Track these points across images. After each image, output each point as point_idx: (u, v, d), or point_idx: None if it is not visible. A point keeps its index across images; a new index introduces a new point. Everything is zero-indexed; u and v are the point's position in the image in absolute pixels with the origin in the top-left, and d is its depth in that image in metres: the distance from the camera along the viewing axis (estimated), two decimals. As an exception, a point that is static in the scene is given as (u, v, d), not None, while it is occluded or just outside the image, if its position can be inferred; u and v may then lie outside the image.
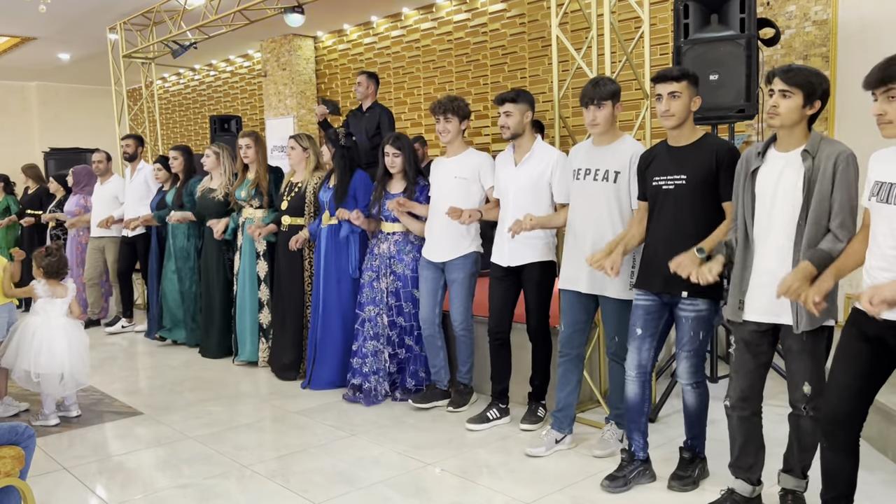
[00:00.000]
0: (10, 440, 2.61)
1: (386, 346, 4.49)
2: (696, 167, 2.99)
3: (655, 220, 3.11)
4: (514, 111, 3.80)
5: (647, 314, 3.15)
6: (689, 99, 3.00)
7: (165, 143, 13.41)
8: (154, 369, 5.57)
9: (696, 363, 3.09)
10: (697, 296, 2.97)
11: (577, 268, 3.47)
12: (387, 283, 4.48)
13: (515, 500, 3.13)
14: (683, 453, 3.23)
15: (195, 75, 13.02)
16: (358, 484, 3.33)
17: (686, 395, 3.15)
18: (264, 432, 4.08)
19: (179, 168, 6.27)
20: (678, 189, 3.02)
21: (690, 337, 3.04)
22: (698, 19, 4.09)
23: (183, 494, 3.28)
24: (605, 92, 3.34)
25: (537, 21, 7.69)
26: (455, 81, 8.62)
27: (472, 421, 4.02)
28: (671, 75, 2.99)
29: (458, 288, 4.17)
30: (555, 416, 3.68)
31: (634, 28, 6.42)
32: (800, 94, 2.57)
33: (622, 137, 3.46)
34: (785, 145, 2.66)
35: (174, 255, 6.17)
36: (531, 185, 3.81)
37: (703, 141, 3.05)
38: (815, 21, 5.49)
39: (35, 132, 13.97)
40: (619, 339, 3.45)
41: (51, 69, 12.52)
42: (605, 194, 3.40)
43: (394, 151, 4.40)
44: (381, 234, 4.56)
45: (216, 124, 8.99)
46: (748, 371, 2.79)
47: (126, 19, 8.62)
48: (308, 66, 10.45)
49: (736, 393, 2.83)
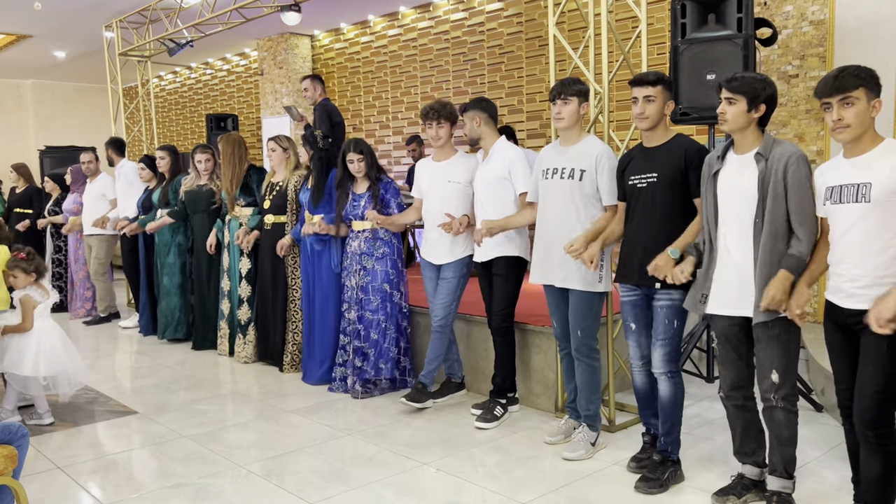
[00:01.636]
0: (4, 439, 2.60)
1: (353, 339, 4.67)
2: (666, 165, 3.15)
3: (630, 217, 3.28)
4: (465, 119, 4.08)
5: (635, 307, 3.29)
6: (664, 103, 3.16)
7: (161, 141, 13.38)
8: (149, 368, 5.55)
9: (671, 352, 3.17)
10: (670, 288, 3.10)
11: (544, 263, 3.61)
12: (357, 280, 4.66)
13: (511, 500, 3.12)
14: (654, 456, 3.25)
15: (191, 73, 13.00)
16: (353, 483, 3.32)
17: (661, 385, 3.20)
18: (259, 431, 4.07)
19: (166, 168, 6.40)
20: (650, 186, 3.18)
21: (665, 325, 3.15)
22: (695, 19, 4.10)
23: (177, 494, 3.27)
24: (573, 89, 3.48)
25: (534, 20, 7.69)
26: (452, 80, 8.61)
27: (481, 419, 4.06)
28: (647, 80, 3.14)
29: (446, 286, 4.26)
30: (570, 407, 3.80)
31: (632, 27, 6.42)
32: (743, 100, 2.76)
33: (588, 137, 3.59)
34: (741, 148, 2.85)
35: (160, 250, 6.31)
36: (492, 182, 3.98)
37: (673, 141, 3.20)
38: (812, 21, 5.49)
39: (30, 130, 13.94)
40: (582, 336, 3.54)
41: (46, 67, 12.49)
42: (571, 192, 3.51)
43: (358, 157, 4.58)
44: (352, 232, 4.74)
45: (212, 123, 8.99)
46: (732, 361, 2.95)
47: (122, 17, 8.60)
48: (305, 65, 10.43)
49: (726, 383, 2.99)
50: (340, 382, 4.77)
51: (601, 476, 3.34)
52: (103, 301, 7.29)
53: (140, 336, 6.69)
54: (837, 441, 3.63)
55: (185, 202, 6.08)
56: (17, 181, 8.37)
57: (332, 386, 4.79)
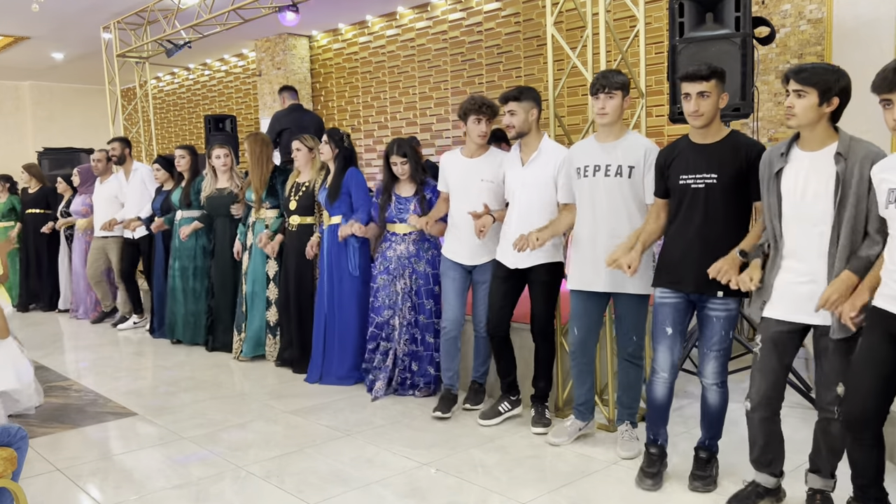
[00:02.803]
0: (3, 441, 2.59)
1: (403, 345, 4.52)
2: (726, 166, 2.93)
3: (684, 220, 3.03)
4: (518, 110, 3.73)
5: (676, 311, 3.09)
6: (718, 97, 2.94)
7: (160, 142, 13.37)
8: (149, 370, 5.55)
9: (724, 363, 3.04)
10: (734, 296, 2.95)
11: (590, 268, 3.42)
12: (405, 284, 4.50)
13: (511, 500, 3.12)
14: (700, 453, 3.17)
15: (190, 75, 12.99)
16: (353, 484, 3.32)
17: (709, 395, 3.08)
18: (259, 433, 4.06)
19: (186, 167, 6.21)
20: (709, 188, 2.95)
21: (721, 336, 3.00)
22: (693, 18, 4.09)
23: (178, 495, 3.26)
24: (617, 82, 3.30)
25: (532, 20, 7.69)
26: (450, 80, 8.61)
27: (484, 416, 4.02)
28: (700, 74, 2.91)
29: (486, 290, 4.05)
30: (578, 409, 3.71)
31: (630, 27, 6.42)
32: (814, 92, 2.55)
33: (630, 133, 3.44)
34: (809, 144, 2.64)
35: (180, 254, 6.15)
36: (538, 185, 3.74)
37: (730, 139, 2.99)
38: (809, 20, 5.49)
39: (29, 132, 13.93)
40: (637, 339, 3.41)
41: (44, 68, 12.48)
42: (621, 190, 3.35)
43: (401, 160, 4.42)
44: (395, 236, 4.54)
45: (211, 124, 8.97)
46: (772, 370, 2.76)
47: (120, 18, 8.59)
48: (303, 66, 10.44)
49: (759, 394, 2.79)
50: (400, 386, 4.58)
51: (602, 475, 3.34)
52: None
53: (138, 337, 6.67)
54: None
55: (206, 207, 5.96)
56: (29, 182, 8.29)
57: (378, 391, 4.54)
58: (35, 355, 6.00)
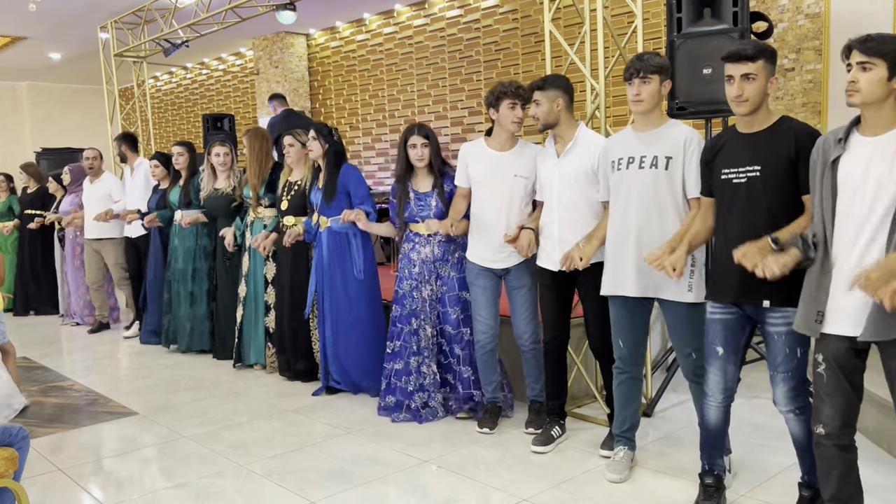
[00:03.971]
0: (4, 441, 2.59)
1: (433, 357, 4.10)
2: (771, 156, 2.57)
3: (725, 220, 2.71)
4: (543, 99, 3.44)
5: (726, 329, 2.72)
6: (766, 81, 2.57)
7: (158, 142, 13.36)
8: (148, 369, 5.55)
9: (797, 385, 2.62)
10: (786, 304, 2.53)
11: (622, 270, 3.09)
12: (431, 290, 4.07)
13: (512, 497, 3.12)
14: (803, 491, 2.78)
15: (187, 74, 12.98)
16: (354, 482, 3.32)
17: (790, 425, 2.70)
18: (260, 431, 4.06)
19: (184, 165, 5.96)
20: (751, 182, 2.61)
21: (785, 356, 2.59)
22: (691, 13, 4.09)
23: (179, 494, 3.26)
24: (652, 65, 2.97)
25: (530, 17, 7.68)
26: (448, 78, 8.61)
27: (538, 443, 3.61)
28: (745, 53, 2.55)
29: (524, 296, 3.73)
30: (624, 436, 3.32)
31: (627, 23, 6.42)
32: (883, 64, 2.20)
33: (670, 121, 3.10)
34: (872, 127, 2.28)
35: (182, 256, 5.87)
36: (576, 178, 3.41)
37: (779, 125, 2.61)
38: (807, 14, 5.49)
39: (27, 132, 13.91)
40: (697, 356, 3.00)
41: (42, 69, 12.46)
42: (654, 183, 3.00)
43: (422, 141, 3.96)
44: (419, 237, 4.08)
45: (209, 123, 8.96)
46: (844, 392, 2.36)
47: (117, 18, 8.58)
48: (301, 64, 10.43)
49: (836, 420, 2.38)
50: (427, 409, 4.07)
51: (602, 472, 3.34)
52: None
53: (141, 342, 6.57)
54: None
55: (205, 207, 5.74)
56: (28, 181, 8.17)
57: (396, 417, 4.10)
58: (34, 355, 6.00)
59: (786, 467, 3.23)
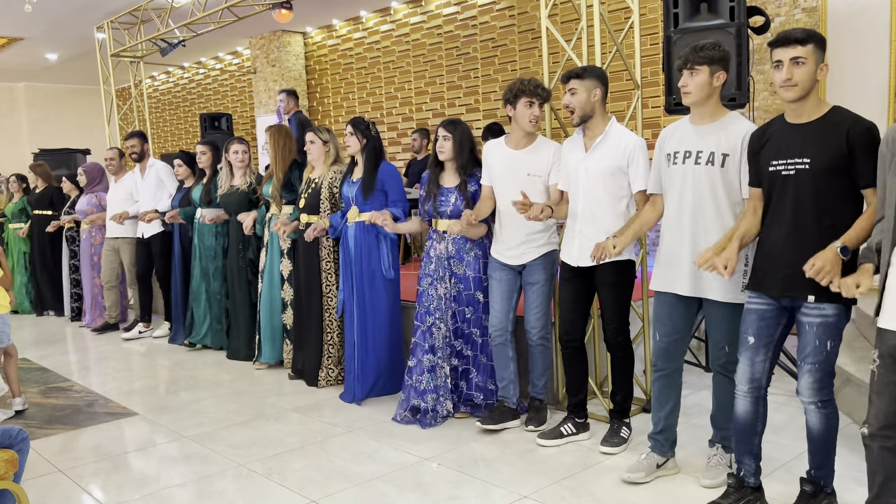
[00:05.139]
0: (4, 443, 2.59)
1: (448, 358, 4.05)
2: (821, 148, 2.53)
3: (773, 213, 2.66)
4: (580, 89, 3.36)
5: (760, 320, 2.72)
6: (816, 66, 2.54)
7: (156, 142, 13.36)
8: (148, 369, 5.55)
9: (822, 378, 2.61)
10: (825, 301, 2.54)
11: (674, 266, 3.04)
12: (446, 288, 4.02)
13: (513, 494, 3.12)
14: (805, 486, 2.75)
15: (184, 73, 12.96)
16: (355, 480, 3.33)
17: (809, 417, 2.67)
18: (260, 430, 4.07)
19: (207, 164, 5.98)
20: (800, 174, 2.56)
21: (815, 347, 2.58)
22: (688, 8, 4.09)
23: (180, 494, 3.27)
24: (703, 56, 2.87)
25: (527, 13, 7.68)
26: (446, 75, 8.60)
27: (544, 436, 3.63)
28: (794, 37, 2.52)
29: (537, 292, 3.72)
30: (654, 438, 3.25)
31: (624, 18, 6.41)
32: None
33: (729, 114, 2.98)
34: None
35: (201, 254, 5.93)
36: (604, 174, 3.37)
37: (831, 116, 2.56)
38: (804, 8, 5.49)
39: (24, 133, 13.90)
40: (730, 350, 3.00)
41: (38, 70, 12.45)
42: (710, 181, 2.92)
43: (444, 133, 3.94)
44: (436, 233, 4.07)
45: (206, 122, 8.97)
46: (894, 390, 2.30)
47: (113, 18, 8.57)
48: (298, 63, 10.42)
49: (879, 419, 2.32)
50: (433, 413, 3.99)
51: (602, 468, 3.34)
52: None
53: (139, 339, 6.63)
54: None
55: (221, 205, 5.74)
56: (36, 181, 8.13)
57: (405, 418, 4.04)
58: (35, 356, 6.01)
59: (784, 463, 3.23)
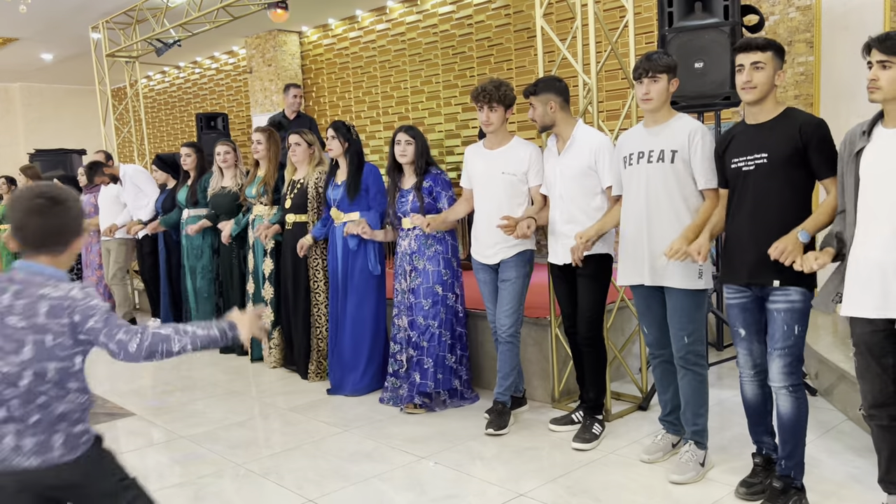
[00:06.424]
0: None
1: (404, 349, 4.27)
2: (777, 144, 2.71)
3: (736, 206, 2.83)
4: (536, 103, 3.61)
5: (743, 311, 2.86)
6: (774, 71, 2.74)
7: (152, 142, 13.34)
8: (145, 369, 5.55)
9: (792, 363, 2.72)
10: (790, 284, 2.68)
11: (635, 259, 3.21)
12: (407, 283, 4.24)
13: (509, 492, 3.14)
14: (774, 482, 2.83)
15: (180, 73, 12.94)
16: (352, 479, 3.34)
17: (779, 401, 2.77)
18: (257, 430, 4.07)
19: (192, 165, 6.11)
20: (758, 169, 2.74)
21: (783, 332, 2.71)
22: (682, 8, 4.11)
23: (177, 494, 3.27)
24: (661, 64, 3.07)
25: (522, 12, 7.68)
26: (441, 74, 8.60)
27: (580, 440, 3.59)
28: (755, 44, 2.72)
29: (509, 289, 3.81)
30: (665, 420, 3.42)
31: (619, 17, 6.42)
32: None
33: (677, 115, 3.18)
34: (894, 120, 2.41)
35: (188, 253, 6.06)
36: (576, 174, 3.55)
37: (785, 115, 2.76)
38: (798, 7, 5.50)
39: (20, 134, 13.86)
40: (690, 341, 3.12)
41: (34, 70, 12.42)
42: (662, 176, 3.11)
43: (406, 139, 4.16)
44: (402, 231, 4.30)
45: (202, 122, 8.95)
46: (875, 375, 2.50)
47: (108, 18, 8.56)
48: (294, 62, 10.40)
49: (868, 400, 2.53)
50: (391, 394, 4.34)
51: (599, 465, 3.36)
52: (122, 307, 7.02)
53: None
54: (833, 424, 3.66)
55: (210, 206, 5.86)
56: (27, 184, 8.21)
57: (383, 397, 4.40)
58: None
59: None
